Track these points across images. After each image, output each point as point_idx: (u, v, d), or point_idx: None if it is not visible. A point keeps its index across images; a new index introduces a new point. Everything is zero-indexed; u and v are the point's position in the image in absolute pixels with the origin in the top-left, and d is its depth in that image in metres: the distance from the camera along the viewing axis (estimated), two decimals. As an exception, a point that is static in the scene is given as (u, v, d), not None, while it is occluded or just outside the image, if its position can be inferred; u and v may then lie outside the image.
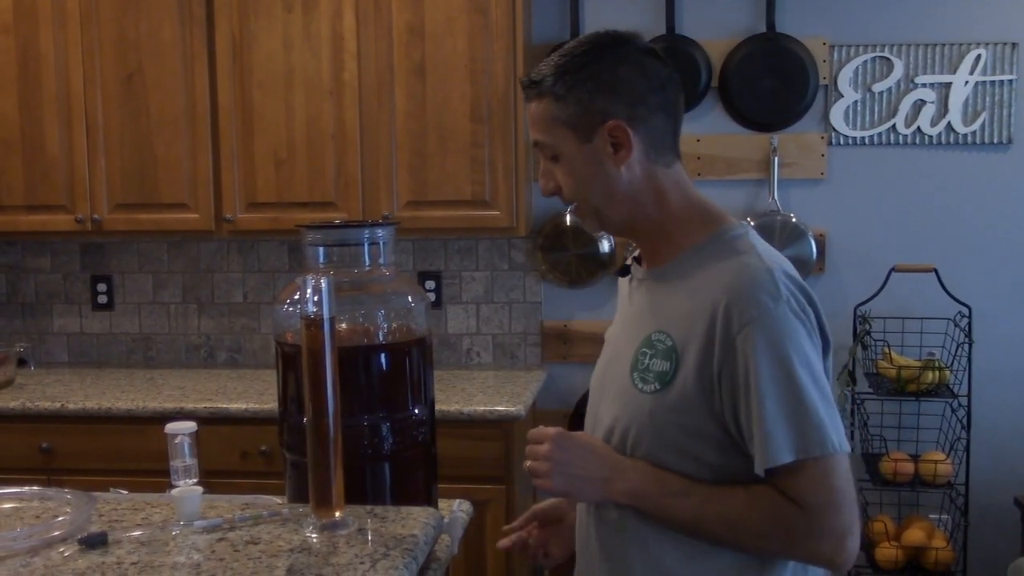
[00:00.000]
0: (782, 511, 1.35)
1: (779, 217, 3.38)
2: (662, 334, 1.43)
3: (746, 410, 1.35)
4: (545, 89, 1.45)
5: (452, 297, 3.60)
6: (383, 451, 1.68)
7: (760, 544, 1.39)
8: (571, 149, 1.46)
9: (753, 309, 1.34)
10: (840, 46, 3.39)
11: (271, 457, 3.03)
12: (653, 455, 1.41)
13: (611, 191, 1.47)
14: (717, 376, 1.36)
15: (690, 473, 1.40)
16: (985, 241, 3.40)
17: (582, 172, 1.47)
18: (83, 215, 3.37)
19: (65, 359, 3.81)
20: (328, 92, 3.24)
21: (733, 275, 1.39)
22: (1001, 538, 3.36)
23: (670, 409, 1.39)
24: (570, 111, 1.44)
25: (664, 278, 1.48)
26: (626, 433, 1.44)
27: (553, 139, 1.47)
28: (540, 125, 1.48)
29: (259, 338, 3.70)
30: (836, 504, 1.34)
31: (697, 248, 1.46)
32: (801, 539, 1.36)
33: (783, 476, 1.34)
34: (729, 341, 1.35)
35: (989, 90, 3.35)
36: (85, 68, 3.33)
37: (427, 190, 3.24)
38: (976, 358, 3.26)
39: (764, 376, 1.32)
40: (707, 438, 1.39)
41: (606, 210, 1.49)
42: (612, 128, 1.43)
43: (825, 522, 1.34)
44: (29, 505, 1.62)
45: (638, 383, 1.43)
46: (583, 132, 1.45)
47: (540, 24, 3.47)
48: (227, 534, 1.48)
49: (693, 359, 1.38)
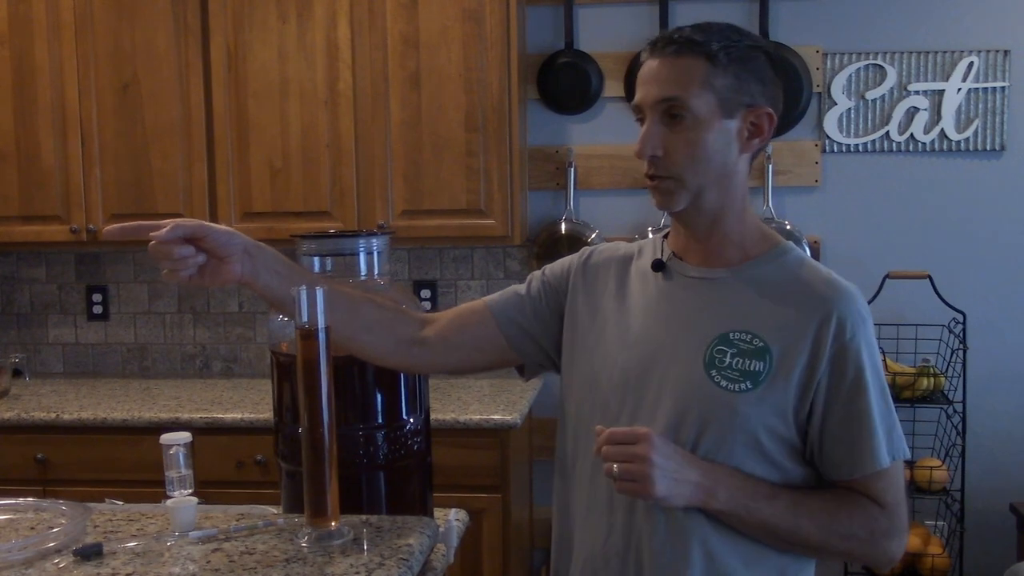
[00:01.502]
0: (869, 512, 1.41)
1: (774, 224, 3.38)
2: (747, 334, 1.42)
3: (843, 418, 1.40)
4: (704, 50, 1.41)
5: (447, 306, 3.58)
6: (378, 460, 1.68)
7: (844, 545, 1.42)
8: (708, 117, 1.41)
9: (859, 322, 1.41)
10: (833, 54, 3.40)
11: (267, 467, 3.02)
12: (730, 456, 1.40)
13: (723, 173, 1.45)
14: (817, 382, 1.40)
15: (764, 476, 1.41)
16: (979, 248, 3.41)
17: (709, 144, 1.42)
18: (78, 225, 3.37)
19: (60, 369, 3.81)
20: (323, 102, 3.25)
21: (829, 289, 1.43)
22: (997, 544, 3.36)
23: (759, 409, 1.40)
24: (726, 81, 1.41)
25: (737, 280, 1.47)
26: (700, 432, 1.41)
27: (692, 99, 1.40)
28: (681, 81, 1.41)
29: (255, 348, 3.70)
30: (904, 503, 1.45)
31: (766, 258, 1.48)
32: (880, 538, 1.42)
33: (871, 479, 1.41)
34: (838, 351, 1.40)
35: (982, 97, 3.36)
36: (80, 78, 3.33)
37: (422, 199, 3.25)
38: (971, 364, 3.27)
39: (870, 386, 1.41)
40: (783, 441, 1.42)
41: (705, 191, 1.45)
42: (761, 114, 1.44)
43: (900, 520, 1.43)
44: (24, 516, 1.62)
45: (720, 381, 1.41)
46: (728, 107, 1.42)
47: (534, 34, 3.49)
48: (222, 544, 1.48)
49: (794, 363, 1.40)
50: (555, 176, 3.54)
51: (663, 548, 1.43)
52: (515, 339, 1.62)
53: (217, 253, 1.42)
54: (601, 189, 3.51)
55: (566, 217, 3.50)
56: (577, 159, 3.51)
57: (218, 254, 1.42)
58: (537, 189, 3.54)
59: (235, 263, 1.43)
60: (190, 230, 1.40)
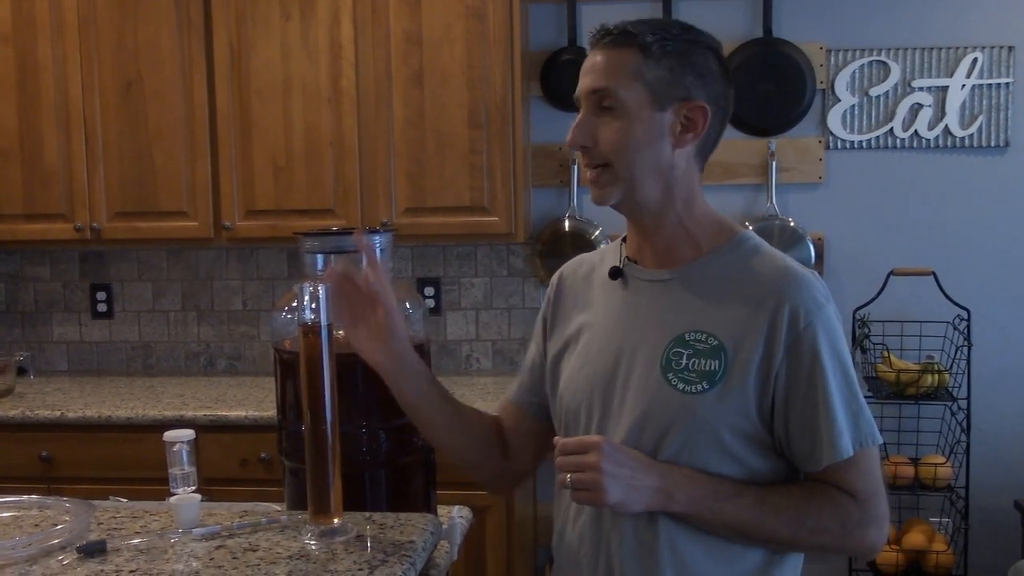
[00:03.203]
0: (838, 503, 1.39)
1: (777, 221, 3.38)
2: (701, 334, 1.41)
3: (804, 408, 1.38)
4: (638, 42, 1.41)
5: (451, 303, 3.60)
6: (381, 458, 1.68)
7: (815, 538, 1.40)
8: (638, 109, 1.41)
9: (814, 309, 1.39)
10: (837, 50, 3.40)
11: (271, 464, 3.03)
12: (695, 458, 1.39)
13: (655, 167, 1.43)
14: (775, 375, 1.38)
15: (730, 475, 1.40)
16: (983, 244, 3.40)
17: (638, 136, 1.42)
18: (82, 223, 3.38)
19: (65, 367, 3.81)
20: (326, 99, 3.25)
21: (781, 278, 1.42)
22: (1001, 541, 3.36)
23: (719, 409, 1.38)
24: (658, 73, 1.41)
25: (688, 279, 1.46)
26: (661, 436, 1.40)
27: (623, 90, 1.41)
28: (613, 73, 1.41)
29: (259, 345, 3.71)
30: (880, 492, 1.42)
31: (720, 252, 1.47)
32: (854, 529, 1.39)
33: (838, 469, 1.39)
34: (793, 341, 1.38)
35: (986, 93, 3.36)
36: (83, 77, 3.34)
37: (425, 197, 3.25)
38: (975, 361, 3.26)
39: (828, 373, 1.38)
40: (749, 439, 1.40)
41: (639, 183, 1.44)
42: (694, 108, 1.43)
43: (874, 510, 1.40)
44: (28, 513, 1.62)
45: (677, 384, 1.40)
46: (660, 99, 1.41)
47: (537, 31, 3.49)
48: (225, 541, 1.48)
49: (749, 358, 1.38)
50: (558, 173, 3.53)
51: (632, 554, 1.43)
52: (541, 413, 1.65)
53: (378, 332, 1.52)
54: (604, 186, 3.50)
55: (569, 214, 3.50)
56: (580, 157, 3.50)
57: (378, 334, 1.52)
58: (540, 186, 3.54)
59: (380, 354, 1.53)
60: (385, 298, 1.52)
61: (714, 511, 1.38)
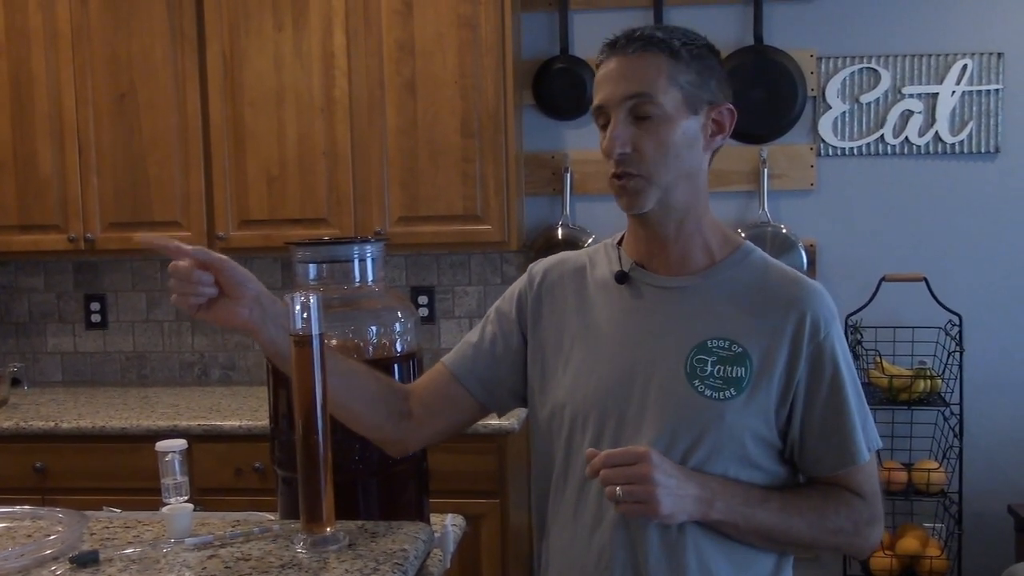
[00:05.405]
0: (852, 504, 1.45)
1: (769, 228, 3.39)
2: (724, 341, 1.42)
3: (825, 415, 1.42)
4: (667, 47, 1.41)
5: (445, 312, 3.61)
6: (373, 466, 1.68)
7: (833, 540, 1.45)
8: (673, 114, 1.41)
9: (831, 320, 1.45)
10: (827, 58, 3.41)
11: (265, 474, 3.03)
12: (718, 464, 1.40)
13: (689, 172, 1.44)
14: (796, 382, 1.42)
15: (749, 480, 1.42)
16: (974, 249, 3.41)
17: (677, 141, 1.42)
18: (76, 234, 3.38)
19: (59, 378, 3.81)
20: (319, 109, 3.26)
21: (800, 288, 1.45)
22: (995, 546, 3.37)
23: (745, 415, 1.40)
24: (689, 77, 1.42)
25: (706, 287, 1.47)
26: (693, 444, 1.39)
27: (659, 95, 1.40)
28: (647, 77, 1.40)
29: (253, 355, 3.71)
30: (879, 492, 1.48)
31: (732, 260, 1.49)
32: (863, 528, 1.45)
33: (851, 472, 1.45)
34: (815, 349, 1.42)
35: (976, 99, 3.37)
36: (77, 88, 3.35)
37: (419, 205, 3.26)
38: (967, 366, 3.27)
39: (846, 381, 1.44)
40: (766, 444, 1.43)
41: (673, 189, 1.43)
42: (722, 111, 1.45)
43: (878, 508, 1.47)
44: (21, 524, 1.62)
45: (705, 391, 1.40)
46: (693, 103, 1.42)
47: (529, 40, 3.50)
48: (218, 551, 1.48)
49: (773, 366, 1.41)
50: (551, 181, 3.55)
51: (658, 563, 1.42)
52: (479, 391, 1.60)
53: (230, 291, 1.41)
54: (597, 194, 3.51)
55: (562, 222, 3.51)
56: (573, 164, 3.52)
57: (231, 293, 1.41)
58: (533, 195, 3.55)
59: (244, 307, 1.42)
60: (212, 259, 1.40)
61: (747, 517, 1.40)
